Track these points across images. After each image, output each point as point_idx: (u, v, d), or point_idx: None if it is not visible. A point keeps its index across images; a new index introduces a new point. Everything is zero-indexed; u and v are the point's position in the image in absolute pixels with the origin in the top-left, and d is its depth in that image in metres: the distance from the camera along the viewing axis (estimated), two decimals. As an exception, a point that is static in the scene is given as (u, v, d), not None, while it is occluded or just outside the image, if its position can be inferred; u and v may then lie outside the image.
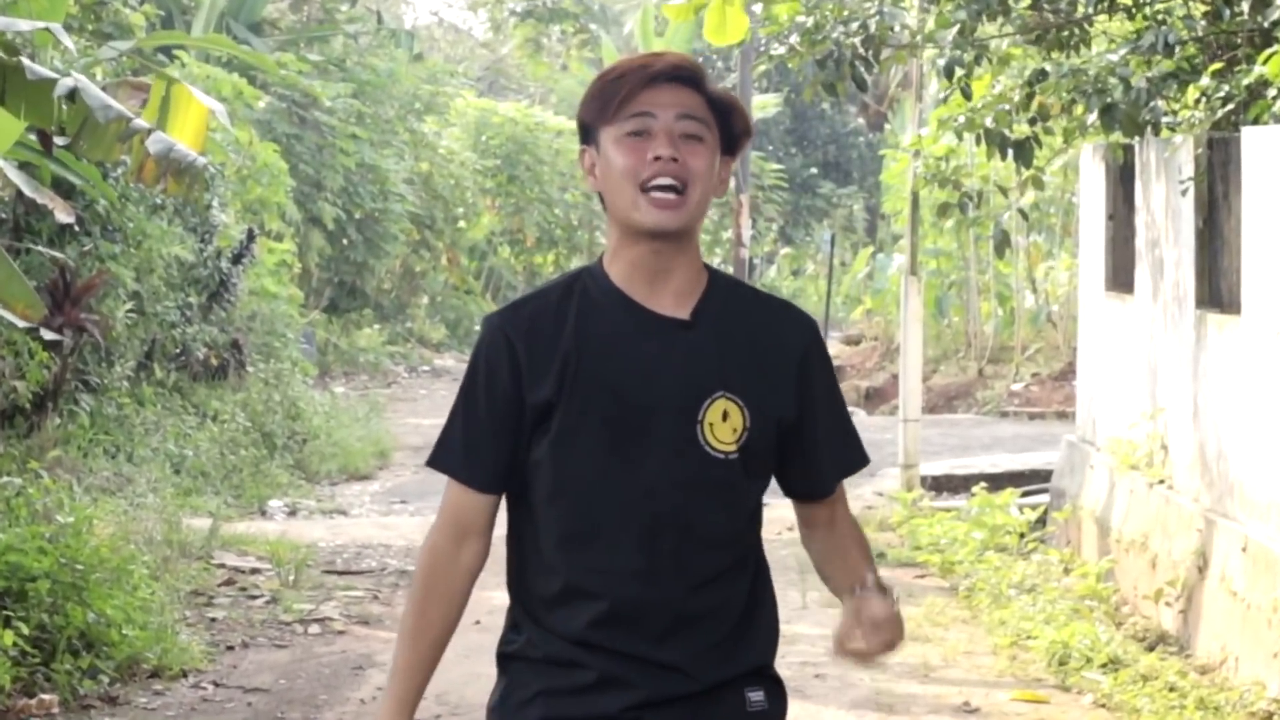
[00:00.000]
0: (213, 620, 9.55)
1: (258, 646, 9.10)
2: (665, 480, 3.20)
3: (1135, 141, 10.04)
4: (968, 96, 10.12)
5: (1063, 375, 20.63)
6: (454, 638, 3.32)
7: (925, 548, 11.46)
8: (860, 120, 39.53)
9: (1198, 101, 8.96)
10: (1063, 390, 19.97)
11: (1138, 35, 9.37)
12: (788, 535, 10.79)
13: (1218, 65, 8.85)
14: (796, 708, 4.27)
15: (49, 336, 10.88)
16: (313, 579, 10.72)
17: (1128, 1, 9.91)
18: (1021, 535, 11.24)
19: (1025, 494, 12.39)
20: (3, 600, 7.90)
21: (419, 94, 28.38)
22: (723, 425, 3.23)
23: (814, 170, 38.16)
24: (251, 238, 16.07)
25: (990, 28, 10.28)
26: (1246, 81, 8.42)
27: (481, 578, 3.32)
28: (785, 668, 5.09)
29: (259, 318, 17.06)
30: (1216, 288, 9.03)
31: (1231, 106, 8.75)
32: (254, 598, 10.12)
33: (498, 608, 3.46)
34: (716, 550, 3.24)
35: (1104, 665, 8.34)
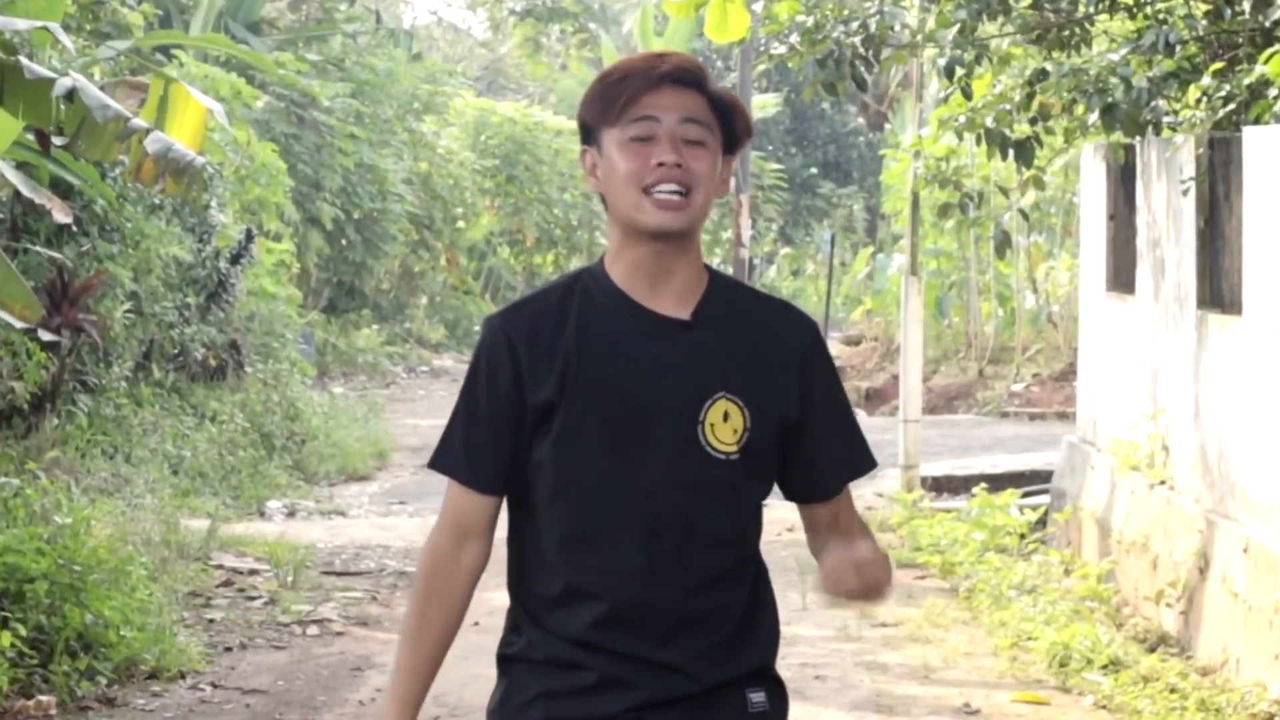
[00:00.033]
0: (211, 621, 9.53)
1: (256, 648, 9.09)
2: (666, 481, 3.20)
3: (1136, 141, 10.02)
4: (968, 96, 10.11)
5: (1063, 376, 20.61)
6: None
7: (925, 549, 11.44)
8: (860, 120, 39.50)
9: (1199, 101, 8.94)
10: (1063, 391, 19.95)
11: (1139, 35, 9.36)
12: (788, 536, 10.77)
13: (1219, 65, 8.83)
14: (797, 709, 4.26)
15: (47, 337, 10.87)
16: (311, 580, 10.70)
17: (1129, 1, 9.90)
18: (1022, 536, 11.22)
19: (1026, 495, 12.36)
20: (0, 601, 7.88)
21: (418, 94, 28.34)
22: (723, 426, 3.22)
23: (814, 170, 38.12)
24: (250, 238, 16.04)
25: (991, 27, 10.27)
26: (1248, 81, 8.41)
27: (481, 578, 3.31)
28: (785, 669, 5.08)
29: (257, 318, 17.03)
30: (1218, 288, 9.01)
31: (1233, 106, 8.74)
32: (252, 599, 10.11)
33: (497, 609, 3.44)
34: (717, 551, 3.24)
35: (1105, 666, 8.33)
